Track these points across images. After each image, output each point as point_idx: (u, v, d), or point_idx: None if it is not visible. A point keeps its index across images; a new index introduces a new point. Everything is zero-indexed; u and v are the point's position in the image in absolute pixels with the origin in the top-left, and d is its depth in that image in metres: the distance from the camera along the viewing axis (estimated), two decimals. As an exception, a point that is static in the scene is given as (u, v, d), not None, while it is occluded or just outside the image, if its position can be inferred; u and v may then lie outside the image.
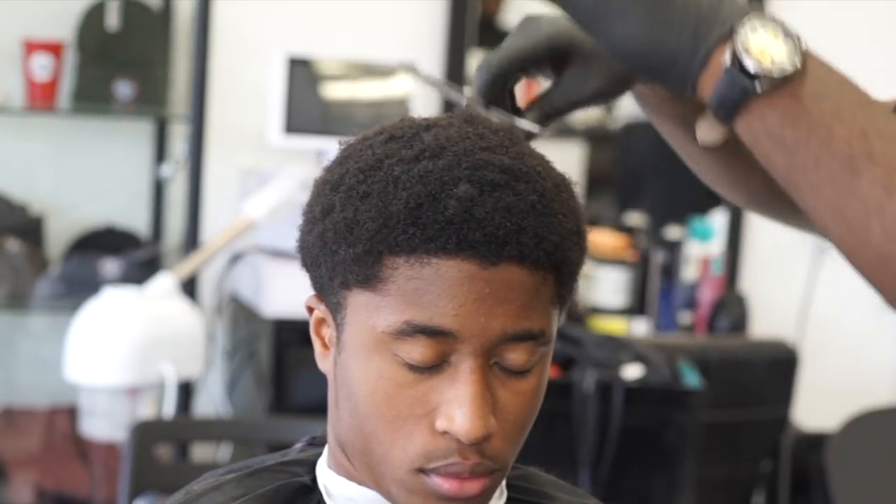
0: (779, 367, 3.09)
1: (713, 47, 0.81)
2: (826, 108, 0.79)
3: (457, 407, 0.85)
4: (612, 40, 0.83)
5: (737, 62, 0.80)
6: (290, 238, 0.94)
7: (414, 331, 0.85)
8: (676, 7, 0.82)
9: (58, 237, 3.23)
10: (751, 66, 0.79)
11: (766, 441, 3.15)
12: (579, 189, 0.93)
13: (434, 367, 0.86)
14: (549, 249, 0.86)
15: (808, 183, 0.80)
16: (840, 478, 3.05)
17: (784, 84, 0.80)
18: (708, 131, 0.84)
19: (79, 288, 2.91)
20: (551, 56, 0.96)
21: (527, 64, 0.96)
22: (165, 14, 3.21)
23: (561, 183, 0.90)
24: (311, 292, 0.94)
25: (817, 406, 3.43)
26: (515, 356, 0.87)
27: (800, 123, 0.79)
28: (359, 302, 0.87)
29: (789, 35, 0.81)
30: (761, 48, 0.79)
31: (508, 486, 0.99)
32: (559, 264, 0.87)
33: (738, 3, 0.82)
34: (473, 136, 0.88)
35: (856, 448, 3.09)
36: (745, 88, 0.80)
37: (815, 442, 3.20)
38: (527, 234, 0.85)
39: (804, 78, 0.80)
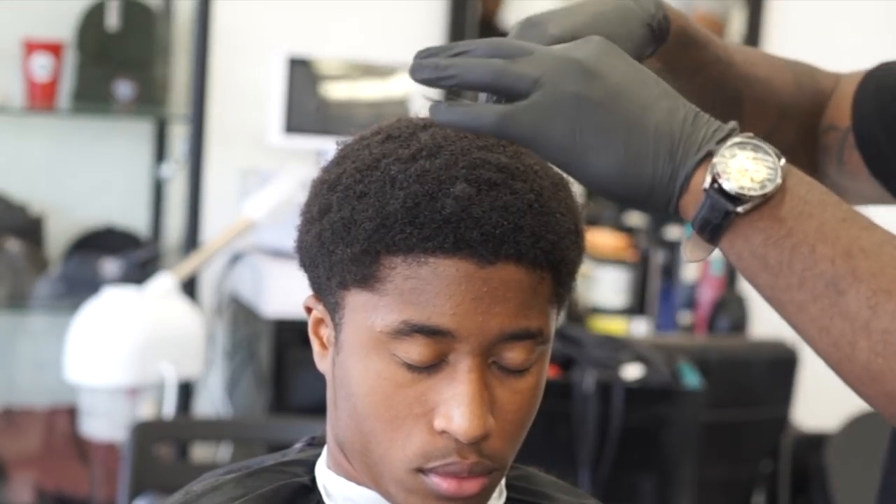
0: (779, 367, 3.09)
1: (692, 172, 0.81)
2: (809, 227, 0.80)
3: (455, 406, 0.85)
4: (588, 175, 0.82)
5: (716, 184, 0.79)
6: (290, 238, 0.94)
7: (412, 330, 0.85)
8: (649, 136, 0.81)
9: (58, 237, 3.22)
10: (731, 188, 0.79)
11: (766, 441, 3.15)
12: (577, 188, 0.93)
13: (432, 367, 0.86)
14: (547, 248, 0.86)
15: (792, 301, 0.81)
16: (840, 478, 3.05)
17: (765, 204, 0.80)
18: (693, 250, 0.84)
19: (79, 288, 2.91)
20: None
21: None
22: (165, 14, 3.21)
23: (559, 182, 0.90)
24: (310, 292, 0.94)
25: (817, 406, 3.43)
26: (513, 355, 0.87)
27: (783, 244, 0.80)
28: (357, 302, 0.87)
29: (769, 154, 0.80)
30: (741, 169, 0.79)
31: (508, 487, 0.99)
32: (557, 263, 0.87)
33: (713, 124, 0.82)
34: (470, 135, 0.88)
35: (856, 448, 3.09)
36: (726, 210, 0.80)
37: (815, 442, 3.20)
38: (524, 233, 0.85)
39: (785, 196, 0.80)
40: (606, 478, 2.69)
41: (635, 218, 3.55)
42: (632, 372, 2.74)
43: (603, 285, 3.33)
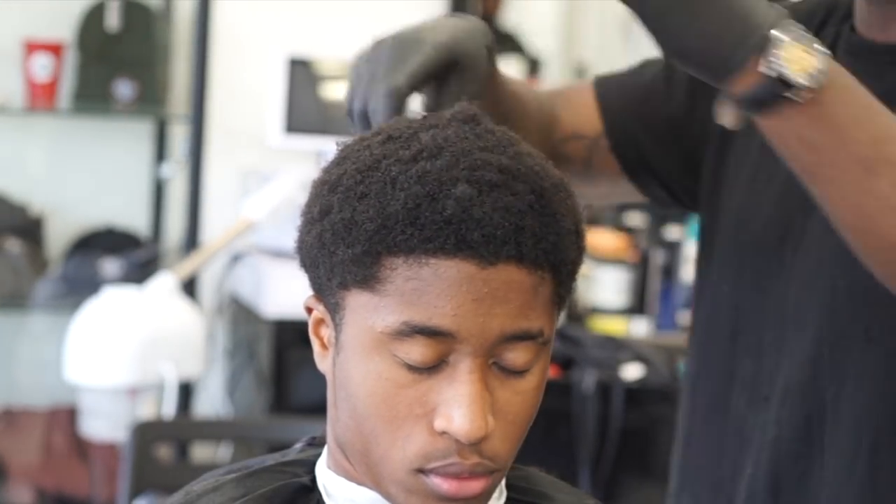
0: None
1: (750, 53, 0.89)
2: (848, 115, 0.90)
3: (455, 407, 0.85)
4: (671, 46, 0.91)
5: (774, 69, 0.89)
6: (290, 238, 0.94)
7: (413, 331, 0.85)
8: (724, 12, 0.90)
9: (58, 237, 3.23)
10: (787, 75, 0.88)
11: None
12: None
13: (433, 368, 0.86)
14: (548, 249, 0.86)
15: (828, 179, 0.91)
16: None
17: (812, 91, 0.89)
18: (728, 116, 0.93)
19: (79, 288, 2.91)
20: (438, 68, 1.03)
21: (427, 79, 1.02)
22: (165, 14, 3.22)
23: (559, 182, 0.90)
24: (311, 292, 0.94)
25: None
26: (514, 356, 0.87)
27: (824, 128, 0.90)
28: (357, 302, 0.87)
29: (819, 46, 0.89)
30: (796, 58, 0.88)
31: (508, 487, 0.99)
32: (558, 264, 0.87)
33: (772, 11, 0.90)
34: (471, 136, 0.89)
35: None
36: (778, 94, 0.89)
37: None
38: (525, 234, 0.85)
39: (830, 85, 0.90)
40: (606, 478, 2.70)
41: (635, 218, 3.55)
42: (632, 372, 2.75)
43: (603, 285, 3.33)
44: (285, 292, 2.81)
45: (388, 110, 0.99)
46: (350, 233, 0.86)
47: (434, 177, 0.85)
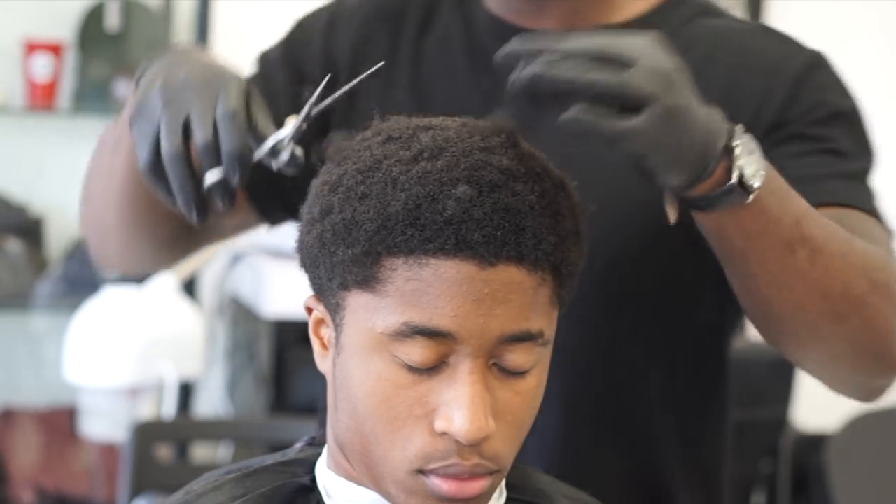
0: (779, 367, 3.09)
1: (719, 161, 0.94)
2: (776, 203, 0.99)
3: (455, 408, 0.85)
4: (668, 173, 0.93)
5: (737, 174, 0.94)
6: (290, 238, 0.94)
7: (413, 332, 0.85)
8: (702, 133, 0.93)
9: (58, 237, 3.22)
10: (747, 177, 0.95)
11: (766, 441, 3.14)
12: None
13: (433, 369, 0.86)
14: (548, 250, 0.86)
15: (757, 260, 1.01)
16: (840, 478, 3.05)
17: (759, 188, 0.96)
18: (673, 212, 0.98)
19: (79, 288, 2.91)
20: None
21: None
22: (165, 14, 3.21)
23: (560, 183, 0.90)
24: (311, 293, 0.94)
25: (817, 406, 3.43)
26: (514, 357, 0.87)
27: (761, 217, 0.98)
28: (357, 303, 0.87)
29: (758, 148, 0.96)
30: (750, 162, 0.95)
31: (508, 486, 0.99)
32: (558, 264, 0.87)
33: (724, 120, 0.95)
34: (472, 136, 0.88)
35: (856, 448, 3.09)
36: (738, 196, 0.95)
37: (815, 442, 3.20)
38: (525, 235, 0.85)
39: (766, 180, 0.97)
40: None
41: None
42: (632, 372, 2.73)
43: (603, 285, 3.32)
44: (285, 292, 2.81)
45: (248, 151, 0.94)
46: (350, 233, 0.86)
47: (434, 177, 0.85)
